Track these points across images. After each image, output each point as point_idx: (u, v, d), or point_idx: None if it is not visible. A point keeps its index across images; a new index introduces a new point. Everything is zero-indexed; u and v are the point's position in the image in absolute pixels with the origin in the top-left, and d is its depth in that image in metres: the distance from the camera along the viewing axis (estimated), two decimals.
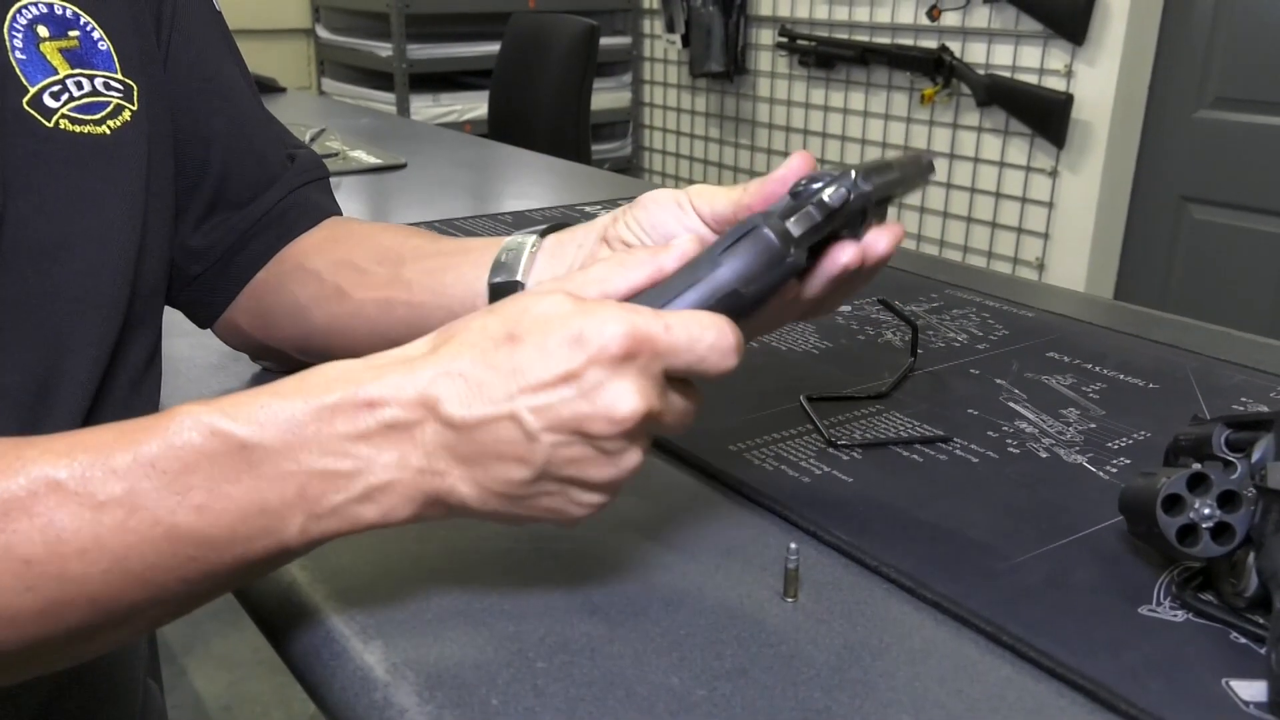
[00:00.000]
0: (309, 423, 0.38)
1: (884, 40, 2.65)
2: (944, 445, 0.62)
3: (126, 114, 0.53)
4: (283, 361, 0.68)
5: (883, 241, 0.47)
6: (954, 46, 2.51)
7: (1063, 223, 2.41)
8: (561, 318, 0.39)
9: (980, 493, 0.56)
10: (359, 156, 1.50)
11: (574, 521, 0.42)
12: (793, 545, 0.47)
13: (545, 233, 0.57)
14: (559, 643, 0.43)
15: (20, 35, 0.49)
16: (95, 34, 0.52)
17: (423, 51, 2.96)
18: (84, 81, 0.51)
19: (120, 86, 0.53)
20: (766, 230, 0.42)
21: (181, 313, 0.67)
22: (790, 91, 2.96)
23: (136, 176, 0.53)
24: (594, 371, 0.38)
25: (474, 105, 3.05)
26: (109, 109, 0.52)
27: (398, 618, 0.45)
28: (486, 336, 0.40)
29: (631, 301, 0.42)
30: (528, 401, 0.38)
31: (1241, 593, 0.45)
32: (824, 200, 0.44)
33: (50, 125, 0.50)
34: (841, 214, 0.45)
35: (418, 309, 0.58)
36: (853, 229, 0.47)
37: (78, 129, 0.50)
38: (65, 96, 0.50)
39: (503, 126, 2.63)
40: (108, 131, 0.52)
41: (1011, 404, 0.68)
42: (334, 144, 1.54)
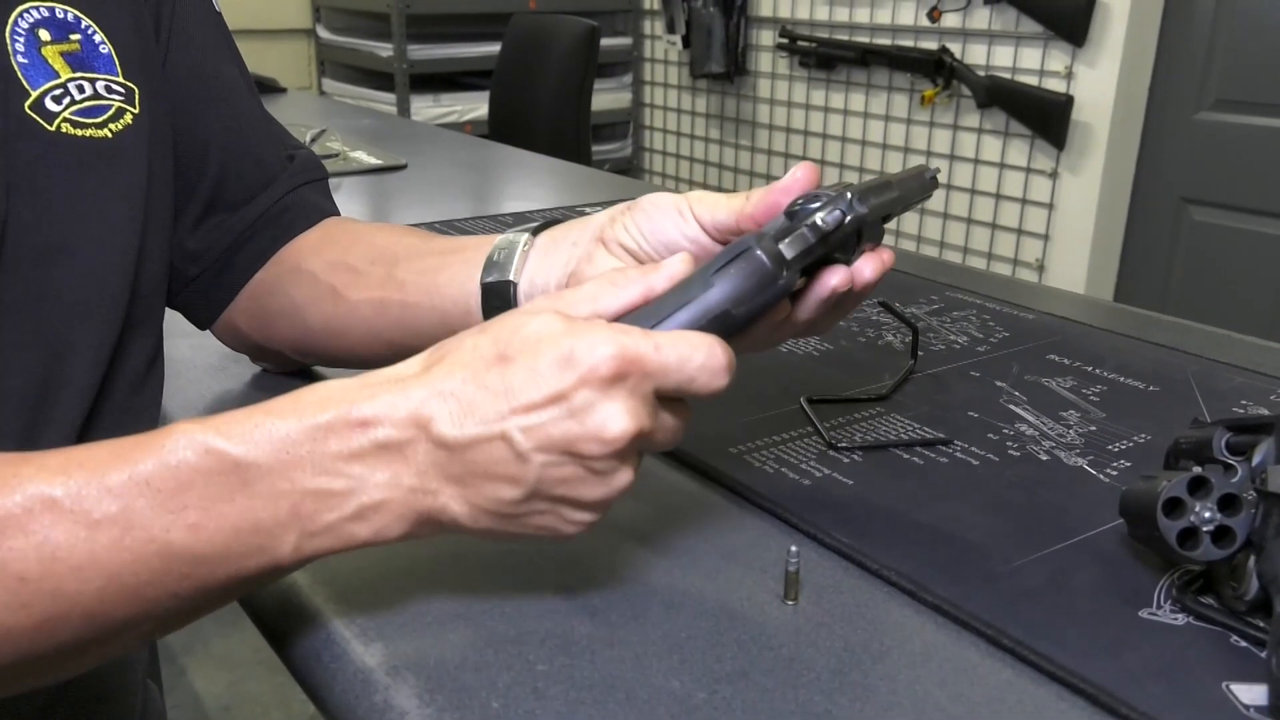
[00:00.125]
0: (303, 442, 0.39)
1: (884, 41, 2.65)
2: (944, 448, 0.62)
3: (128, 117, 0.53)
4: (282, 363, 0.68)
5: (868, 269, 0.48)
6: (954, 48, 2.51)
7: (1063, 224, 2.41)
8: (552, 338, 0.39)
9: (981, 495, 0.56)
10: (359, 157, 1.50)
11: (566, 539, 0.42)
12: (793, 548, 0.47)
13: (537, 230, 0.57)
14: (559, 645, 0.43)
15: (22, 39, 0.49)
16: (96, 37, 0.52)
17: (423, 52, 2.96)
18: (86, 85, 0.51)
19: (122, 90, 0.53)
20: (759, 252, 0.43)
21: (180, 314, 0.67)
22: (790, 93, 2.96)
23: (138, 179, 0.53)
24: (584, 392, 0.39)
25: (474, 106, 3.06)
26: (110, 112, 0.52)
27: (398, 620, 0.45)
28: (478, 356, 0.40)
29: (622, 321, 0.42)
30: (519, 422, 0.39)
31: (1242, 596, 0.45)
32: (818, 223, 0.44)
33: (52, 129, 0.50)
34: (836, 236, 0.45)
35: (412, 309, 0.58)
36: (847, 250, 0.47)
37: (80, 132, 0.50)
38: (67, 100, 0.50)
39: (503, 127, 2.63)
40: (109, 135, 0.52)
41: (1012, 406, 0.68)
42: (334, 145, 1.54)
